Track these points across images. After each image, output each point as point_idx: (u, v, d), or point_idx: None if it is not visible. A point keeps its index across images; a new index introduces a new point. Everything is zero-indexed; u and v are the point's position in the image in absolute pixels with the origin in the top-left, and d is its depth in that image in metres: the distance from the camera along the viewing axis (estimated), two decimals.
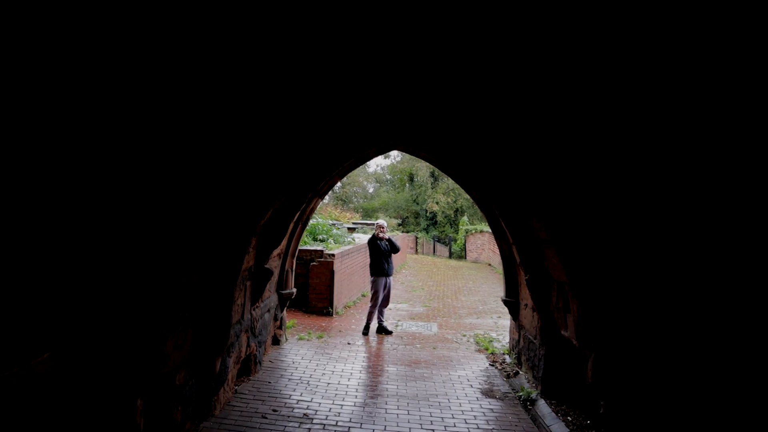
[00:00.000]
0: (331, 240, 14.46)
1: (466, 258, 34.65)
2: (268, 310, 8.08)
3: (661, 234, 4.70)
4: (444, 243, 39.18)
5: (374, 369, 8.18)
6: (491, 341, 10.37)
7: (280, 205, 6.82)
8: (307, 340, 9.65)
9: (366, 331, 10.56)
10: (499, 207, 7.34)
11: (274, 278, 8.44)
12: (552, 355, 7.03)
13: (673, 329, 4.68)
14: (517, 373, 8.24)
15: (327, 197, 55.61)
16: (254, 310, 7.17)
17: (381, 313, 10.92)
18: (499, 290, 18.27)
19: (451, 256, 36.67)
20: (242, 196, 5.72)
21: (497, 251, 27.76)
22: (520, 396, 7.18)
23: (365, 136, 6.66)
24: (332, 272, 12.30)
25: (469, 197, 43.90)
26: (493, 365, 8.78)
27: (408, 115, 5.82)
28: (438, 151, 7.29)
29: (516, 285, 8.69)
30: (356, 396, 6.90)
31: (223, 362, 5.98)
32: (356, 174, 51.78)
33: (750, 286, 4.14)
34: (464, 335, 10.97)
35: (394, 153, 54.33)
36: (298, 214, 8.47)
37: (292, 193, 7.07)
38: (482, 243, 31.79)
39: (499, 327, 11.86)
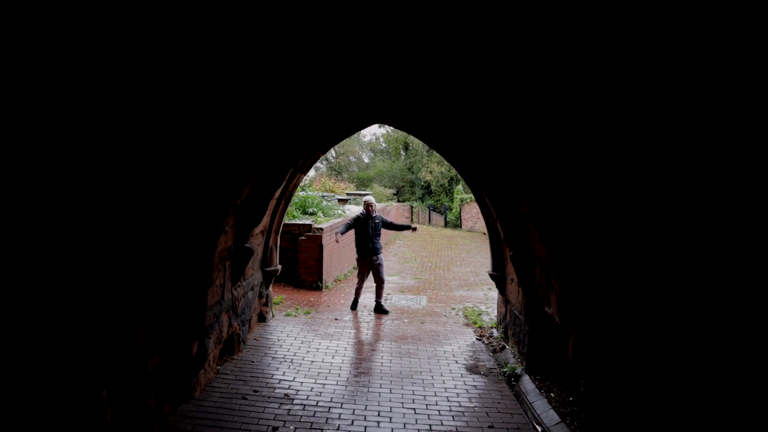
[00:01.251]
0: (320, 213, 14.33)
1: (461, 227, 34.61)
2: (252, 288, 8.01)
3: (644, 213, 4.58)
4: (439, 212, 39.08)
5: (360, 345, 8.15)
6: (480, 314, 10.35)
7: (257, 183, 6.67)
8: (294, 316, 9.62)
9: (354, 306, 10.56)
10: (482, 182, 7.21)
11: (258, 256, 8.34)
12: (536, 331, 6.98)
13: (654, 310, 4.60)
14: (503, 348, 8.23)
15: (323, 167, 55.31)
16: (235, 289, 7.09)
17: (378, 295, 10.54)
18: None
19: (446, 225, 36.63)
20: (215, 175, 5.56)
21: None
22: (505, 372, 7.16)
23: (342, 111, 6.47)
24: (321, 246, 12.22)
25: None
26: (480, 339, 8.76)
27: (388, 89, 5.63)
28: (420, 124, 7.11)
29: (502, 259, 8.61)
30: (339, 374, 6.87)
31: (202, 344, 5.92)
32: (351, 143, 51.41)
33: (729, 267, 4.04)
34: (453, 308, 10.95)
35: None
36: (279, 190, 8.33)
37: (270, 170, 6.91)
38: (477, 212, 31.68)
39: (489, 299, 11.84)
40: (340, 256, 14.05)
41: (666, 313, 4.46)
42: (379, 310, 10.39)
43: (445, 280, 14.45)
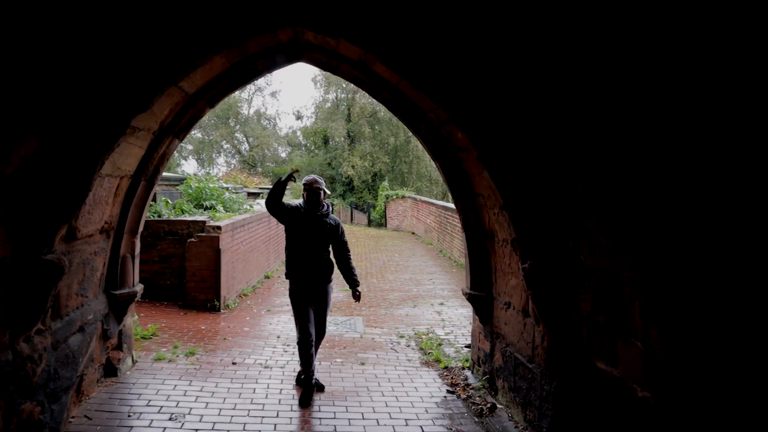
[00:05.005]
0: (220, 207, 10.95)
1: (386, 226, 31.91)
2: (81, 329, 4.65)
3: None
4: (362, 210, 36.30)
5: (267, 417, 4.97)
6: (440, 345, 7.45)
7: (50, 137, 3.36)
8: (170, 360, 6.27)
9: (304, 379, 5.47)
10: (473, 134, 4.27)
11: (97, 271, 4.99)
12: (570, 396, 4.14)
13: None
14: (493, 408, 5.35)
15: (235, 161, 50.58)
16: (25, 341, 3.73)
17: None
18: (432, 264, 15.57)
19: (370, 224, 33.86)
20: None
21: (421, 218, 25.10)
22: None
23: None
24: (218, 251, 8.88)
25: (388, 160, 41.00)
26: (452, 392, 5.83)
27: None
28: (370, 33, 4.10)
29: (488, 271, 5.75)
30: None
31: None
32: (267, 136, 47.55)
33: None
34: (401, 336, 7.98)
35: (308, 112, 50.51)
36: (135, 164, 5.05)
37: (78, 110, 3.61)
38: (404, 209, 29.11)
39: (446, 320, 8.99)
40: (246, 262, 10.75)
41: None
42: (305, 385, 5.46)
43: (381, 292, 11.48)
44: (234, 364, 6.34)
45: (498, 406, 5.39)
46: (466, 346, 7.26)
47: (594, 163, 3.29)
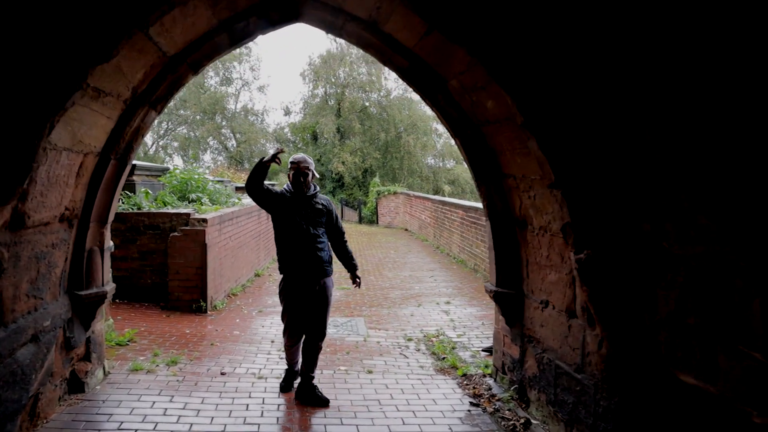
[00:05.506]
0: (206, 199, 10.07)
1: (378, 223, 31.14)
2: (34, 338, 3.81)
3: None
4: (353, 207, 35.50)
5: None
6: (454, 348, 6.67)
7: None
8: (148, 371, 5.43)
9: (286, 386, 5.10)
10: (518, 94, 3.48)
11: (57, 267, 4.15)
12: (639, 414, 3.38)
13: None
14: (527, 425, 4.58)
15: (222, 158, 49.37)
16: None
17: (310, 364, 4.93)
18: (431, 261, 14.77)
19: (361, 220, 33.05)
20: None
21: (414, 214, 24.28)
22: None
23: None
24: (204, 246, 8.03)
25: (378, 156, 40.18)
26: (477, 404, 5.06)
27: None
28: None
29: (518, 265, 4.98)
30: None
31: None
32: (255, 132, 46.55)
33: None
34: (409, 339, 7.19)
35: (296, 108, 49.58)
36: (103, 138, 4.22)
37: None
38: (396, 206, 28.34)
39: (455, 320, 8.21)
40: (235, 259, 9.90)
41: None
42: (307, 395, 4.85)
43: (381, 291, 10.66)
44: (223, 374, 5.51)
45: (533, 421, 4.62)
46: (484, 350, 6.50)
47: (692, 117, 2.52)
